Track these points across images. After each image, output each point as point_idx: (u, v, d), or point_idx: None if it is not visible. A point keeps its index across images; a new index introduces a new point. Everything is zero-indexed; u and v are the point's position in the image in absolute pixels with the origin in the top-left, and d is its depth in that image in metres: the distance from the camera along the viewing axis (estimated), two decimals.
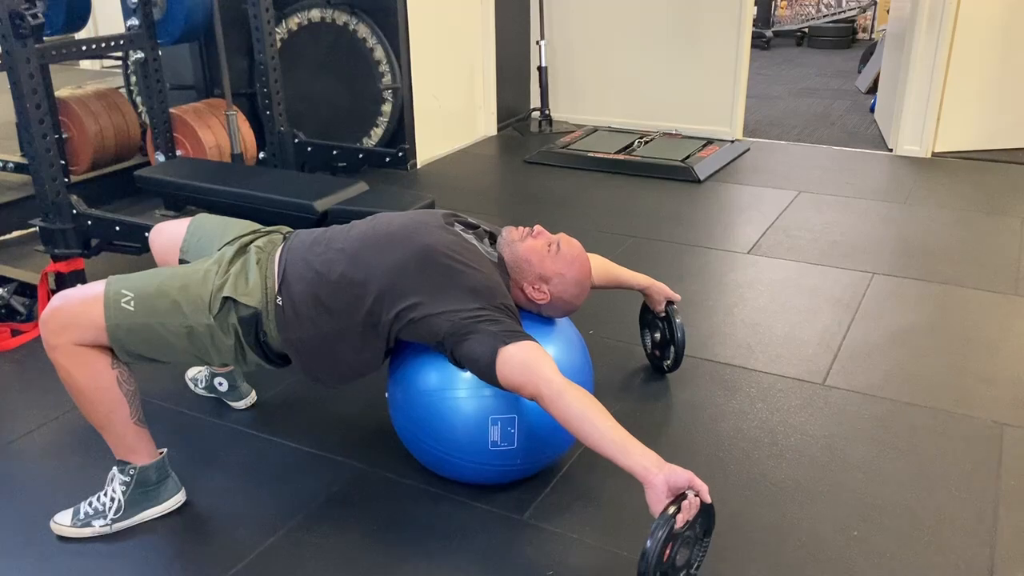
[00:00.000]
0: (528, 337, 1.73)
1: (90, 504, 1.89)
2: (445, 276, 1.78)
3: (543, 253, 1.92)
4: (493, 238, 1.99)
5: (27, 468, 2.14)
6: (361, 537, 1.87)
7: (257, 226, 2.07)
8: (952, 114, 4.58)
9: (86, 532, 1.87)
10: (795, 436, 2.21)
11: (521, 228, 1.97)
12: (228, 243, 1.96)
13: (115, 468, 1.89)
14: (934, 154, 4.65)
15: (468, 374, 1.81)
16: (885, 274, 3.18)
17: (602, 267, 2.30)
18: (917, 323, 2.81)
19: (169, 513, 1.93)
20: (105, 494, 1.89)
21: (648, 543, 1.48)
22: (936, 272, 3.19)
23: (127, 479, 1.88)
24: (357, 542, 1.86)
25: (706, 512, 1.57)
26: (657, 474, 1.53)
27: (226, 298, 1.80)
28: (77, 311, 1.76)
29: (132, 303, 1.77)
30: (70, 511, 1.89)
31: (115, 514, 1.88)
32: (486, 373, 1.71)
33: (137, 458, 1.89)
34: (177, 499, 1.95)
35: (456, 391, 1.86)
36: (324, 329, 1.82)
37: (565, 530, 1.88)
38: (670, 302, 2.42)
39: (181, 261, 2.08)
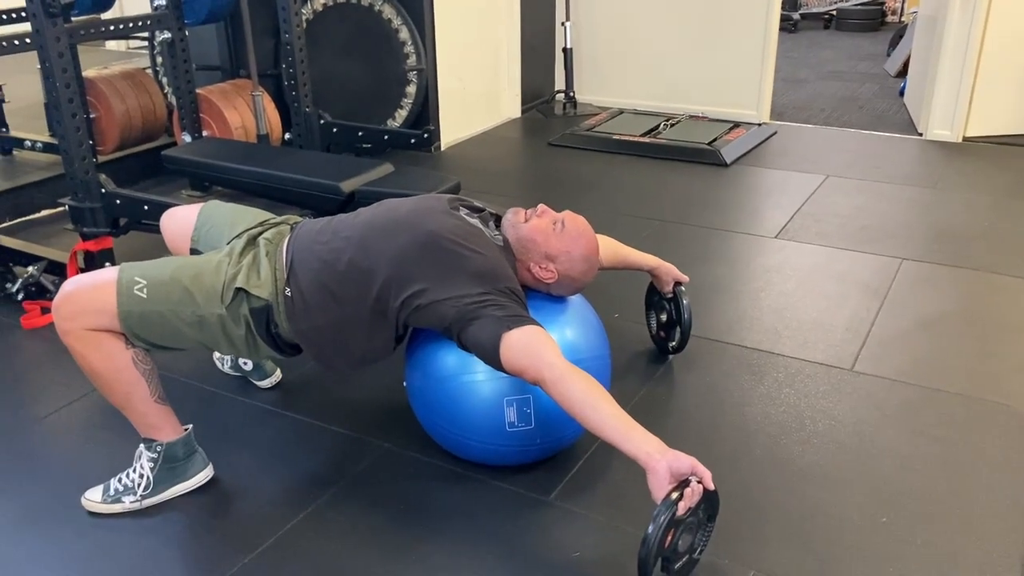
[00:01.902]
0: (533, 321, 1.72)
1: (120, 480, 1.91)
2: (450, 261, 1.77)
3: (548, 232, 1.91)
4: (499, 221, 1.99)
5: (59, 444, 2.17)
6: (387, 516, 1.88)
7: (266, 216, 2.07)
8: (984, 98, 4.50)
9: (116, 508, 1.89)
10: (823, 421, 2.19)
11: (524, 210, 1.96)
12: (237, 236, 1.97)
13: (142, 445, 1.91)
14: (965, 138, 4.58)
15: (461, 360, 1.83)
16: (915, 260, 3.14)
17: (610, 248, 2.28)
18: (947, 309, 2.77)
19: (197, 489, 1.95)
20: (134, 471, 1.91)
21: (649, 529, 1.48)
22: (967, 258, 3.15)
23: (154, 456, 1.90)
24: (383, 520, 1.87)
25: (709, 498, 1.56)
26: (659, 460, 1.52)
27: (239, 289, 1.81)
28: (90, 297, 1.77)
29: (145, 290, 1.77)
30: (100, 487, 1.92)
31: (144, 490, 1.90)
32: (490, 358, 1.70)
33: (162, 435, 1.90)
34: (205, 474, 1.97)
35: (474, 375, 1.86)
36: (333, 318, 1.82)
37: (591, 512, 1.88)
38: (678, 283, 2.41)
39: (192, 250, 2.10)
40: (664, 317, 2.48)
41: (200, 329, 1.82)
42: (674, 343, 2.47)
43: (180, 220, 2.16)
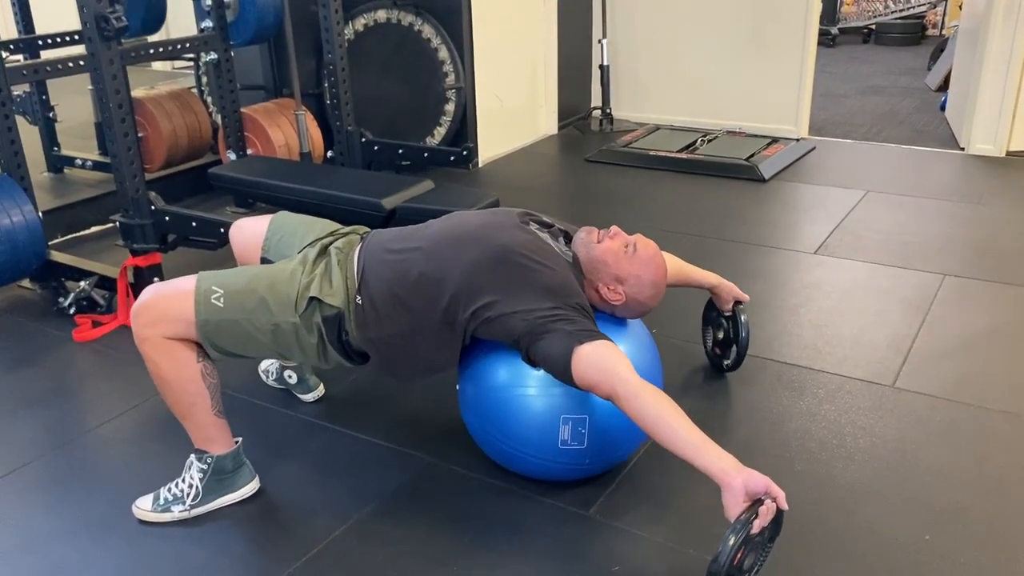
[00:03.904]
0: (603, 336, 1.74)
1: (169, 490, 1.96)
2: (521, 275, 1.80)
3: (619, 254, 1.93)
4: (568, 237, 2.01)
5: (110, 454, 2.23)
6: (429, 528, 1.91)
7: (336, 226, 2.12)
8: None
9: (166, 517, 1.94)
10: (864, 438, 2.18)
11: (597, 229, 1.98)
12: (309, 244, 2.01)
13: (193, 456, 1.96)
14: (1009, 153, 4.52)
15: (537, 371, 1.84)
16: (957, 276, 3.11)
17: (674, 265, 2.29)
18: (991, 326, 2.74)
19: (244, 500, 1.99)
20: (183, 480, 1.95)
21: (723, 546, 1.48)
22: (1011, 274, 3.11)
23: (204, 467, 1.94)
24: (425, 533, 1.89)
25: (775, 519, 1.56)
26: (735, 477, 1.53)
27: (312, 298, 1.85)
28: (168, 306, 1.83)
29: (222, 299, 1.83)
30: (151, 496, 1.97)
31: (193, 500, 1.94)
32: (561, 372, 1.72)
33: (215, 448, 1.95)
34: (252, 486, 2.01)
35: (526, 388, 1.87)
36: (402, 327, 1.86)
37: (631, 527, 1.89)
38: (738, 302, 2.41)
39: (263, 259, 2.14)
40: (721, 335, 2.48)
41: (275, 337, 1.86)
42: (729, 361, 2.47)
43: (249, 232, 2.21)
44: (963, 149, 4.68)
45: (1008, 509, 1.92)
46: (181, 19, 4.66)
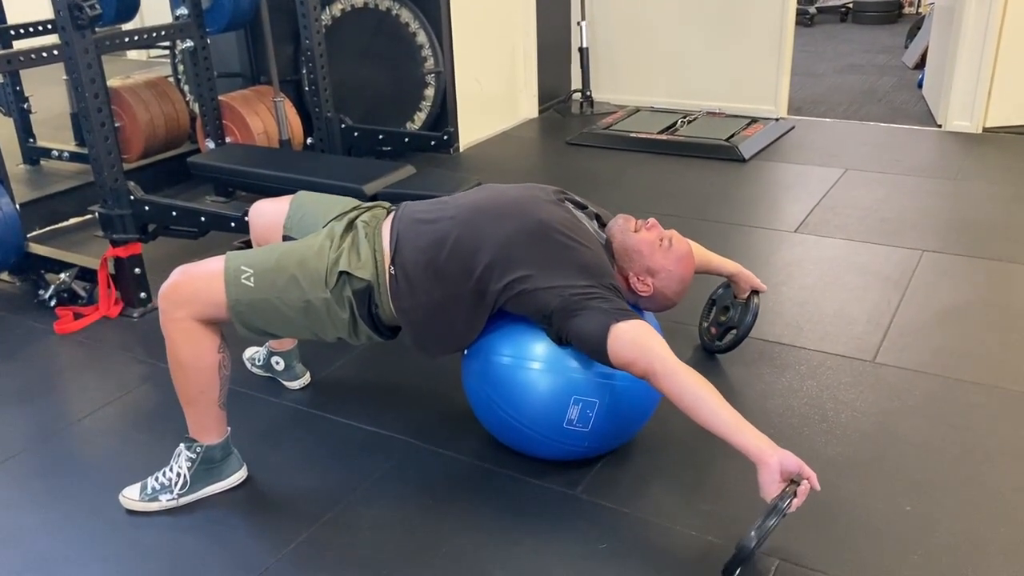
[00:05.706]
0: (638, 316, 1.76)
1: (156, 479, 1.96)
2: (558, 251, 1.82)
3: (655, 246, 1.95)
4: (600, 220, 2.03)
5: (95, 445, 2.23)
6: (417, 511, 1.92)
7: (357, 202, 2.12)
8: (1004, 88, 4.48)
9: (153, 506, 1.94)
10: (846, 413, 2.21)
11: (635, 219, 2.00)
12: (335, 219, 2.01)
13: (182, 445, 1.95)
14: (985, 129, 4.56)
15: (544, 347, 1.85)
16: (935, 251, 3.14)
17: (696, 252, 2.28)
18: (969, 300, 2.78)
19: (233, 488, 2.00)
20: (171, 469, 1.95)
21: (760, 525, 1.53)
22: (988, 249, 3.15)
23: (193, 456, 1.94)
24: (414, 516, 1.90)
25: None
26: (772, 456, 1.57)
27: (342, 272, 1.85)
28: (198, 286, 1.82)
29: (252, 279, 1.83)
30: (138, 486, 1.96)
31: (181, 489, 1.94)
32: (596, 349, 1.74)
33: (207, 437, 1.95)
34: (240, 475, 2.01)
35: (541, 363, 1.87)
36: (435, 297, 1.86)
37: (617, 505, 1.91)
38: (755, 291, 2.42)
39: (285, 237, 2.13)
40: (724, 318, 2.48)
41: (306, 314, 1.86)
42: (721, 343, 2.48)
43: (270, 212, 2.19)
44: (940, 126, 4.72)
45: (986, 479, 1.95)
46: (155, 7, 4.61)
